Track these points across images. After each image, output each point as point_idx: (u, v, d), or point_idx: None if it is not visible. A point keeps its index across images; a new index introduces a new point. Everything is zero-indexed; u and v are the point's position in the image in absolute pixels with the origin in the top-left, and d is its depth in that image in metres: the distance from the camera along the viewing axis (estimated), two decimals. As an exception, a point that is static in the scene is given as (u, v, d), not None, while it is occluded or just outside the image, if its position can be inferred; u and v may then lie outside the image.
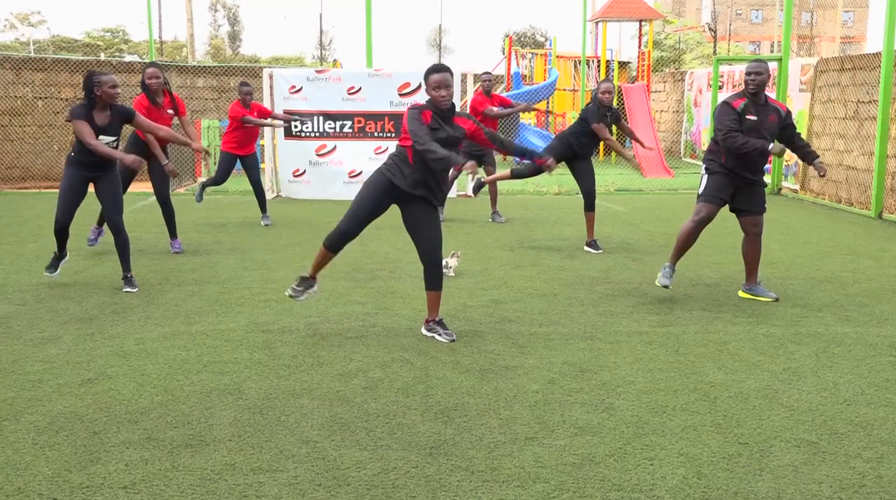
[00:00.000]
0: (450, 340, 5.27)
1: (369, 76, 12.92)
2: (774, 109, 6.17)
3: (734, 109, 6.08)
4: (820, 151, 13.14)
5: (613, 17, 21.31)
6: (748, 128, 6.07)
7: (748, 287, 6.45)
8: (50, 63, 16.25)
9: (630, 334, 5.43)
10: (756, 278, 6.45)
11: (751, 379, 4.55)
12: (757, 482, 3.34)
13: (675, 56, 33.95)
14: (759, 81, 6.05)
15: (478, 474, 3.42)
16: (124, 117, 6.54)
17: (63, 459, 3.53)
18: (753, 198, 6.28)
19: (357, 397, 4.29)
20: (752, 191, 6.26)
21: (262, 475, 3.41)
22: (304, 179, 13.06)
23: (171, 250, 8.26)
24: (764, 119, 6.10)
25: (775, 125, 6.14)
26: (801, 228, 10.06)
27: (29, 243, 8.70)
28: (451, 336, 5.30)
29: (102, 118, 6.42)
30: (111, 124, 6.46)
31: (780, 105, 6.24)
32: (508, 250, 8.51)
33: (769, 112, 6.13)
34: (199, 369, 4.71)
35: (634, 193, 14.02)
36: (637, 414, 4.05)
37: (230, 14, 62.83)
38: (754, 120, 6.07)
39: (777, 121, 6.14)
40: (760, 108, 6.12)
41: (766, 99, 6.17)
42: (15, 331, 5.45)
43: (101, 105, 6.40)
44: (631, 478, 3.38)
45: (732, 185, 6.23)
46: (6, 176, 15.30)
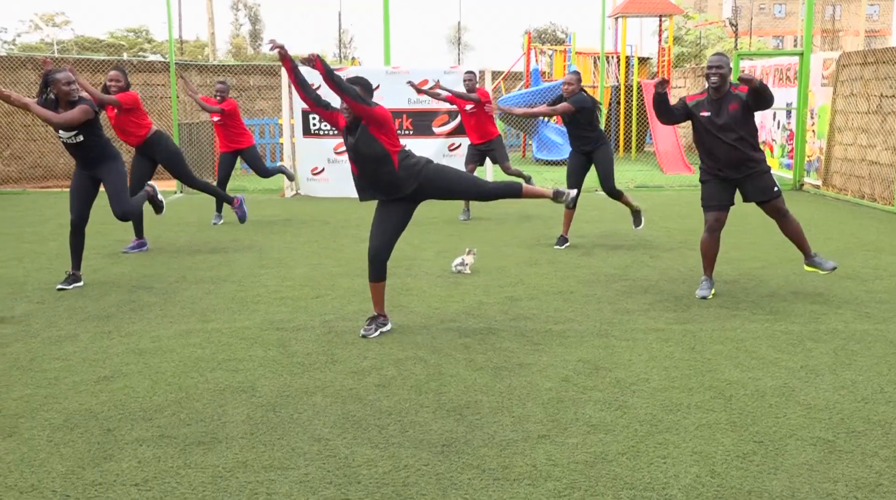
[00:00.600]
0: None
1: (387, 74, 12.90)
2: (735, 96, 6.09)
3: (686, 102, 6.25)
4: (842, 146, 13.00)
5: (633, 12, 21.17)
6: (702, 125, 6.13)
7: (808, 261, 6.49)
8: (72, 62, 16.38)
9: (646, 332, 5.39)
10: (810, 252, 6.46)
11: (767, 377, 4.51)
12: (771, 480, 3.30)
13: (696, 51, 33.71)
14: (722, 74, 6.04)
15: (489, 472, 3.41)
16: None
17: (77, 456, 3.56)
18: (759, 187, 6.21)
19: (370, 394, 4.29)
20: (754, 181, 6.20)
21: (274, 472, 3.41)
22: (322, 177, 13.09)
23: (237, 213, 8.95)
24: (721, 112, 6.06)
25: (738, 112, 6.05)
26: (823, 224, 9.95)
27: (50, 242, 8.78)
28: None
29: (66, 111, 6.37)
30: None
31: (743, 89, 6.09)
32: (525, 247, 8.48)
33: (729, 102, 6.07)
34: (213, 366, 4.73)
35: (654, 190, 13.94)
36: (651, 412, 4.02)
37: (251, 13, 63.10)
38: (708, 116, 6.10)
39: (739, 106, 6.06)
40: (717, 103, 6.09)
41: (730, 89, 6.10)
42: (34, 329, 5.50)
43: (63, 103, 6.37)
44: (643, 476, 3.35)
45: (727, 185, 6.23)
46: (29, 175, 15.47)
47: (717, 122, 6.07)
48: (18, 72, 15.52)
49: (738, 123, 6.05)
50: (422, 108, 12.83)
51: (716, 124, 6.07)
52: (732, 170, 6.16)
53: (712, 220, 6.28)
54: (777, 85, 14.94)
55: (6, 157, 15.45)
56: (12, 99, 6.23)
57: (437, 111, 12.93)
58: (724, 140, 6.08)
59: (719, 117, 6.06)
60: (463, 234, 9.24)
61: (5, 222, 10.31)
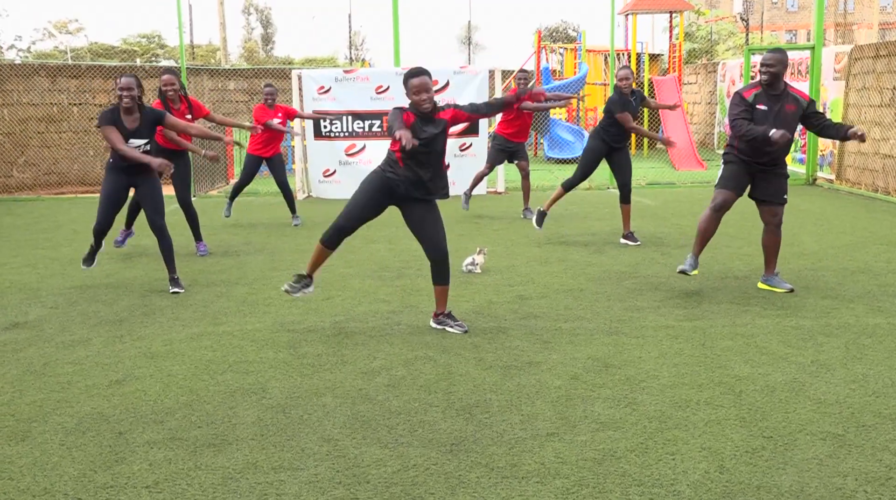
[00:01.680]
0: (462, 330, 5.34)
1: (397, 75, 12.91)
2: (794, 98, 6.07)
3: (744, 98, 6.09)
4: (855, 139, 12.90)
5: (643, 9, 21.11)
6: (758, 117, 6.03)
7: (765, 278, 6.42)
8: (84, 69, 16.51)
9: (656, 329, 5.38)
10: (774, 269, 6.39)
11: (778, 372, 4.49)
12: (780, 475, 3.29)
13: (708, 47, 33.56)
14: (774, 72, 5.98)
15: (497, 470, 3.41)
16: (154, 119, 6.57)
17: (89, 459, 3.59)
18: (772, 187, 6.18)
19: (379, 395, 4.30)
20: (770, 180, 6.17)
21: (283, 473, 3.43)
22: (334, 179, 13.13)
23: (197, 253, 8.36)
24: (778, 109, 6.01)
25: (793, 115, 6.03)
26: (836, 218, 9.90)
27: (63, 248, 8.85)
28: (462, 327, 5.37)
29: (131, 122, 6.45)
30: (140, 127, 6.48)
31: (802, 94, 6.13)
32: (536, 245, 8.48)
33: (786, 102, 6.03)
34: (224, 369, 4.76)
35: (666, 187, 13.89)
36: (660, 409, 4.01)
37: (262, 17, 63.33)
38: (765, 110, 6.03)
39: (796, 110, 6.03)
40: (775, 97, 6.04)
41: (786, 88, 6.08)
42: (47, 334, 5.55)
43: (126, 109, 6.45)
44: (652, 473, 3.35)
45: (748, 172, 6.18)
46: (43, 181, 15.58)
47: (773, 118, 5.99)
48: (32, 79, 15.65)
49: (788, 124, 6.01)
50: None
51: (770, 120, 5.99)
52: (762, 162, 6.11)
53: (721, 199, 6.20)
54: (789, 79, 14.87)
55: (21, 164, 15.59)
56: None
57: (448, 111, 12.94)
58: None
59: (776, 115, 6.00)
60: (473, 233, 9.25)
61: (20, 229, 10.40)
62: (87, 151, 16.18)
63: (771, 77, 6.00)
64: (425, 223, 5.34)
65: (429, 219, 5.34)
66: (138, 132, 6.48)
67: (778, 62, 6.00)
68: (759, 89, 6.10)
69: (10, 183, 15.19)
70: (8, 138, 15.30)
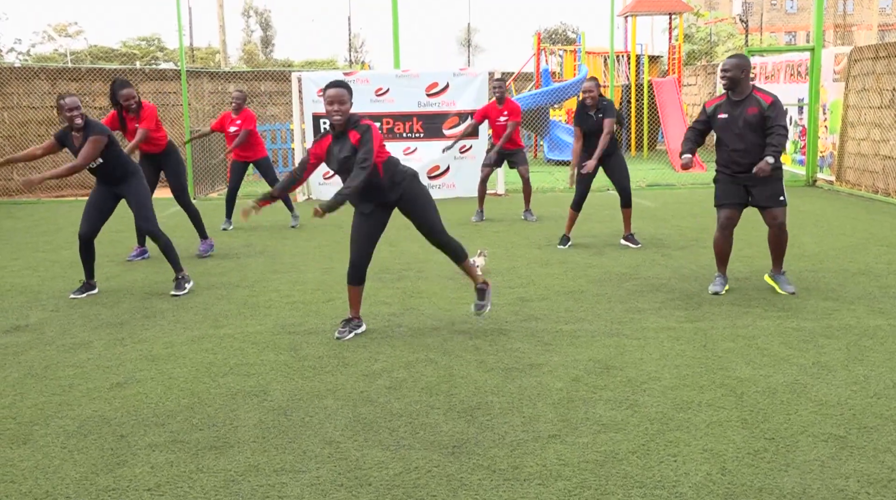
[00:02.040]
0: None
1: (397, 77, 12.95)
2: (756, 101, 6.03)
3: (705, 108, 6.29)
4: (855, 141, 12.92)
5: (643, 11, 21.12)
6: (720, 127, 6.14)
7: (773, 274, 6.45)
8: (84, 72, 16.52)
9: (657, 330, 5.38)
10: (780, 268, 6.41)
11: (779, 374, 4.49)
12: (782, 477, 3.29)
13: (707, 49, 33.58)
14: (730, 77, 6.02)
15: (499, 472, 3.41)
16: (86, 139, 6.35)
17: (90, 462, 3.59)
18: (766, 192, 6.15)
19: (381, 397, 4.30)
20: (764, 185, 6.13)
21: (285, 475, 3.43)
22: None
23: (197, 251, 8.40)
24: (739, 115, 6.03)
25: (754, 118, 6.01)
26: (836, 219, 9.90)
27: (63, 251, 8.85)
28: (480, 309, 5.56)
29: (78, 139, 6.41)
30: (82, 146, 6.36)
31: (765, 97, 6.05)
32: (536, 247, 8.48)
33: (749, 105, 6.03)
34: (225, 371, 4.76)
35: (666, 188, 13.90)
36: (662, 410, 4.01)
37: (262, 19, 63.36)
38: (725, 118, 6.10)
39: (757, 113, 6.01)
40: (736, 104, 6.07)
41: (752, 92, 6.06)
42: (48, 337, 5.55)
43: (78, 128, 6.36)
44: (654, 475, 3.35)
45: (739, 184, 6.19)
46: (43, 185, 15.57)
47: (734, 125, 6.05)
48: (32, 82, 15.66)
49: (753, 129, 6.02)
50: (432, 110, 12.87)
51: (732, 127, 6.06)
52: (746, 172, 6.12)
53: (724, 218, 6.28)
54: (788, 81, 14.88)
55: (21, 167, 15.58)
56: (29, 181, 6.23)
57: (448, 113, 12.96)
58: (739, 143, 6.05)
59: (736, 121, 6.04)
60: (473, 236, 9.25)
61: (20, 232, 10.40)
62: (87, 154, 16.15)
63: (729, 83, 6.05)
64: (413, 212, 5.36)
65: (413, 206, 5.34)
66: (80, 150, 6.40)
67: (734, 67, 6.03)
68: (723, 98, 6.21)
69: (10, 186, 15.20)
70: (8, 141, 15.31)
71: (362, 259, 5.36)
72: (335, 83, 5.10)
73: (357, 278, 5.40)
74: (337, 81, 5.12)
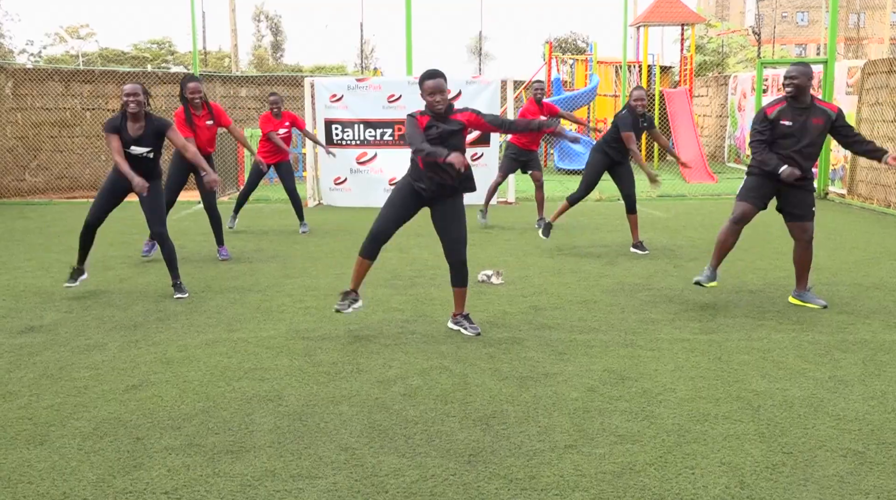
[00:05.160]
0: (475, 333, 5.46)
1: (409, 84, 12.95)
2: (822, 111, 5.98)
3: (766, 115, 6.02)
4: (868, 154, 12.88)
5: (655, 21, 21.12)
6: (783, 133, 5.97)
7: (798, 293, 6.34)
8: (98, 75, 16.59)
9: (672, 342, 5.36)
10: (806, 285, 6.32)
11: (795, 387, 4.47)
12: (801, 492, 3.27)
13: (719, 60, 33.55)
14: (797, 85, 5.90)
15: (516, 482, 3.40)
16: (158, 130, 6.57)
17: (107, 464, 3.59)
18: (800, 202, 6.12)
19: (396, 404, 4.30)
20: (798, 195, 6.10)
21: (302, 481, 3.43)
22: (345, 186, 13.15)
23: (218, 257, 8.39)
24: (804, 123, 5.94)
25: (820, 128, 5.97)
26: (849, 233, 9.87)
27: (76, 252, 8.85)
28: (476, 330, 5.49)
29: (135, 130, 6.51)
30: (144, 136, 6.51)
31: (830, 107, 6.04)
32: (548, 256, 8.48)
33: (813, 115, 5.96)
34: (240, 375, 4.76)
35: (677, 199, 13.88)
36: (678, 422, 4.00)
37: (273, 24, 63.54)
38: (789, 125, 5.96)
39: (823, 123, 5.96)
40: (801, 111, 5.96)
41: (813, 101, 6.01)
42: (62, 338, 5.56)
43: (132, 115, 6.47)
44: (672, 487, 3.33)
45: (771, 186, 6.11)
46: (55, 186, 15.64)
47: (799, 133, 5.95)
48: (46, 84, 15.73)
49: (817, 139, 5.98)
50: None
51: (796, 135, 5.95)
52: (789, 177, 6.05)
53: (740, 212, 6.16)
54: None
55: (33, 168, 15.65)
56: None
57: (459, 121, 12.96)
58: (799, 150, 5.96)
59: (802, 129, 5.94)
60: (484, 243, 9.25)
61: (33, 233, 10.43)
62: (98, 156, 16.23)
63: (795, 90, 5.92)
64: (447, 223, 5.44)
65: (451, 218, 5.43)
66: (141, 140, 6.53)
67: (801, 74, 5.90)
68: (783, 104, 6.02)
69: (23, 187, 15.26)
70: (21, 142, 15.37)
71: (383, 234, 5.42)
72: (432, 74, 5.20)
73: (371, 251, 5.45)
74: (434, 72, 5.22)
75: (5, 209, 13.21)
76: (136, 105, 6.42)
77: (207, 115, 8.22)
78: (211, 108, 8.26)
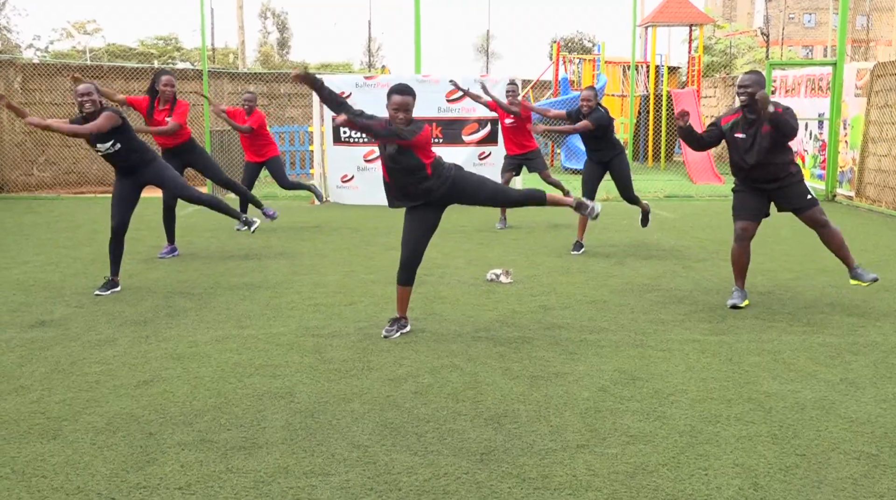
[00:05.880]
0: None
1: (417, 82, 12.94)
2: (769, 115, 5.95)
3: (720, 125, 6.19)
4: (877, 156, 12.87)
5: (663, 21, 21.10)
6: (737, 145, 6.07)
7: (852, 273, 6.36)
8: (106, 70, 16.61)
9: (682, 343, 5.36)
10: (853, 263, 6.33)
11: (807, 389, 4.47)
12: (816, 494, 3.27)
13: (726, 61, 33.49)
14: (751, 93, 5.89)
15: (529, 481, 3.40)
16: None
17: (120, 459, 3.60)
18: (794, 196, 6.13)
19: (407, 402, 4.30)
20: (787, 191, 6.13)
21: (315, 478, 3.43)
22: (352, 184, 13.16)
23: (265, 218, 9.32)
24: (754, 134, 5.98)
25: (770, 134, 5.93)
26: (857, 235, 9.84)
27: (84, 247, 8.89)
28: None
29: None
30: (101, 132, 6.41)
31: (778, 109, 5.91)
32: (556, 255, 8.47)
33: (762, 124, 5.95)
34: (251, 372, 4.77)
35: (684, 200, 13.87)
36: (690, 423, 4.00)
37: (279, 21, 63.53)
38: (742, 138, 6.02)
39: (771, 129, 5.92)
40: (752, 122, 5.99)
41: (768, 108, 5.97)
42: (73, 333, 5.57)
43: (88, 116, 6.42)
44: (685, 488, 3.33)
45: (759, 196, 6.17)
46: (63, 181, 15.67)
47: (752, 145, 5.98)
48: (55, 79, 15.75)
49: (769, 147, 5.95)
50: (452, 116, 12.87)
51: (750, 147, 5.99)
52: (766, 183, 6.12)
53: (739, 229, 6.23)
54: (809, 95, 14.83)
55: (41, 163, 15.68)
56: (30, 121, 6.03)
57: (468, 120, 12.97)
58: (757, 162, 6.00)
59: (753, 141, 5.97)
60: (492, 242, 9.24)
61: (41, 228, 10.45)
62: (106, 152, 16.23)
63: (749, 98, 5.93)
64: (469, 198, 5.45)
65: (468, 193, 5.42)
66: (100, 137, 6.46)
67: (754, 83, 5.92)
68: (738, 115, 6.09)
69: (31, 181, 15.30)
70: (29, 137, 15.40)
71: (412, 260, 5.42)
72: (402, 89, 5.15)
73: (406, 278, 5.47)
74: (404, 87, 5.16)
75: (13, 204, 13.24)
76: (91, 104, 6.38)
77: (168, 111, 8.11)
78: (176, 104, 8.13)
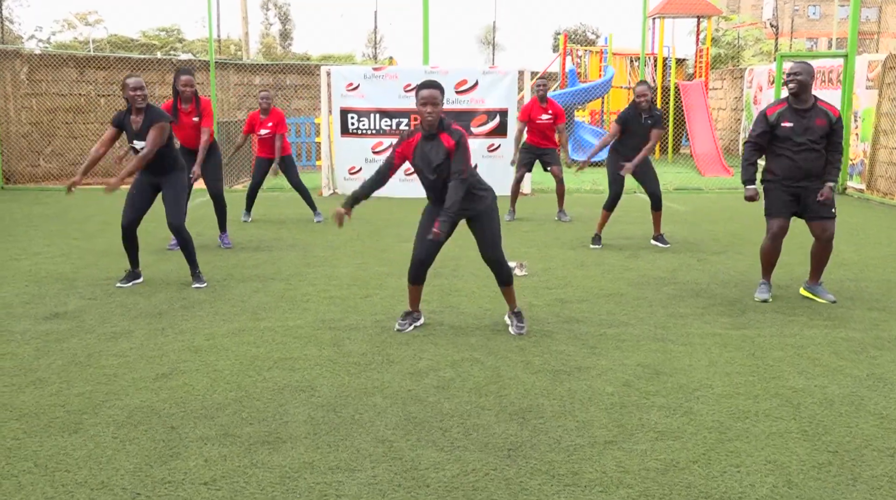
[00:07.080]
0: (518, 332, 5.35)
1: (426, 73, 12.88)
2: (824, 112, 5.89)
3: (766, 117, 5.99)
4: (888, 149, 12.79)
5: (671, 13, 20.98)
6: (782, 136, 5.93)
7: (809, 285, 6.33)
8: (112, 61, 16.53)
9: (703, 336, 5.30)
10: (818, 279, 6.30)
11: (834, 385, 4.41)
12: (851, 492, 3.22)
13: (734, 53, 33.34)
14: (800, 82, 5.81)
15: (559, 478, 3.35)
16: (149, 124, 6.31)
17: (143, 453, 3.55)
18: (818, 202, 6.02)
19: (430, 396, 4.25)
20: (814, 195, 6.02)
21: (341, 473, 3.38)
22: (360, 176, 13.08)
23: (220, 245, 8.40)
24: (806, 125, 5.86)
25: (822, 129, 5.87)
26: (870, 228, 9.78)
27: (96, 239, 8.84)
28: (520, 330, 5.37)
29: (136, 123, 6.36)
30: (142, 130, 6.34)
31: (832, 109, 5.93)
32: (570, 248, 8.41)
33: (815, 116, 5.87)
34: (270, 365, 4.72)
35: (693, 192, 13.80)
36: (718, 419, 3.94)
37: (281, 13, 63.36)
38: (790, 127, 5.89)
39: (825, 125, 5.87)
40: (802, 112, 5.89)
41: (816, 102, 5.92)
42: (88, 325, 5.52)
43: (135, 109, 6.34)
44: (718, 485, 3.28)
45: (791, 193, 6.05)
46: (70, 172, 15.60)
47: (800, 135, 5.87)
48: (61, 70, 15.68)
49: (818, 140, 5.88)
50: (460, 108, 12.79)
51: (798, 137, 5.88)
52: (802, 181, 5.99)
53: (776, 228, 6.13)
54: (819, 87, 14.73)
55: (48, 154, 15.62)
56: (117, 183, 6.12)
57: (476, 111, 12.90)
58: (803, 153, 5.89)
59: (803, 131, 5.87)
60: (504, 235, 9.13)
61: (50, 219, 10.40)
62: (112, 142, 16.16)
63: (798, 86, 5.84)
64: (480, 229, 5.33)
65: (478, 228, 5.34)
66: (140, 135, 6.36)
67: (805, 72, 5.83)
68: (784, 106, 5.96)
69: (38, 172, 15.24)
70: (35, 128, 15.34)
71: (424, 259, 5.32)
72: (428, 84, 5.03)
73: (417, 277, 5.38)
74: (430, 82, 5.04)
75: (21, 195, 13.19)
76: (142, 99, 6.28)
77: (195, 110, 8.00)
78: (200, 103, 8.03)
